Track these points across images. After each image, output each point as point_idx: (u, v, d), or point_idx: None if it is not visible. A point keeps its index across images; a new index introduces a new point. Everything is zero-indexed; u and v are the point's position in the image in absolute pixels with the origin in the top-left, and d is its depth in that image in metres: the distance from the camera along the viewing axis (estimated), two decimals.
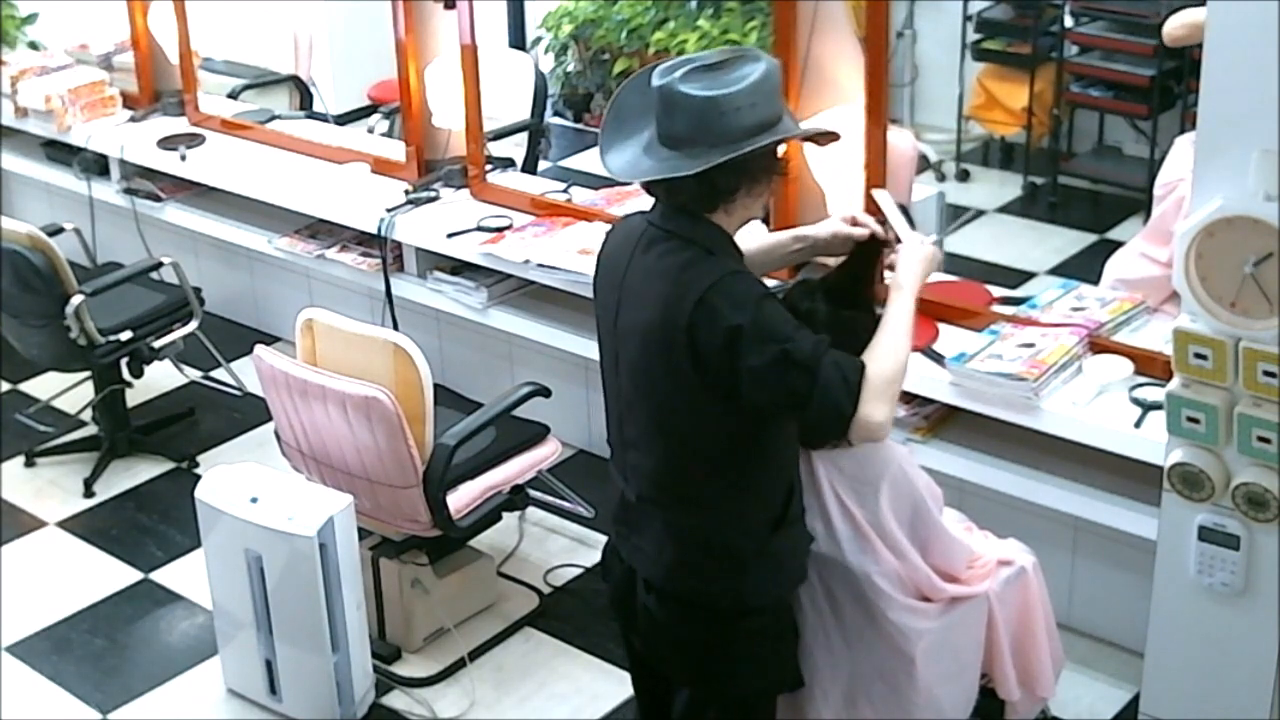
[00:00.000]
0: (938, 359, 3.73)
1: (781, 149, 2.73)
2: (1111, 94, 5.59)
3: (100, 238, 5.57)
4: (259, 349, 3.89)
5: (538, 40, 7.01)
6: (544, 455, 4.08)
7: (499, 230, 4.56)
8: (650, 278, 2.68)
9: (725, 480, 2.74)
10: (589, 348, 4.34)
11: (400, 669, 4.00)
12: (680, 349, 2.62)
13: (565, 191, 4.75)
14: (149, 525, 4.70)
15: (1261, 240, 2.72)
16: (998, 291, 4.10)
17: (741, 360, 2.59)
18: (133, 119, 5.64)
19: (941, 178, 5.78)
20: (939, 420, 3.82)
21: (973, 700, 3.21)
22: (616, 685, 3.84)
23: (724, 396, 2.64)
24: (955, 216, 5.49)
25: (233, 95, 5.77)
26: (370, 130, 5.59)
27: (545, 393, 4.02)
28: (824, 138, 2.80)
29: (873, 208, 3.20)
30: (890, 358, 2.68)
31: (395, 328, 4.66)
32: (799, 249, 2.99)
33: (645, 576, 2.86)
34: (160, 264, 4.96)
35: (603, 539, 3.12)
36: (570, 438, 4.55)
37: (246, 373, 4.82)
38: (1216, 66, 2.73)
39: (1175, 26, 3.97)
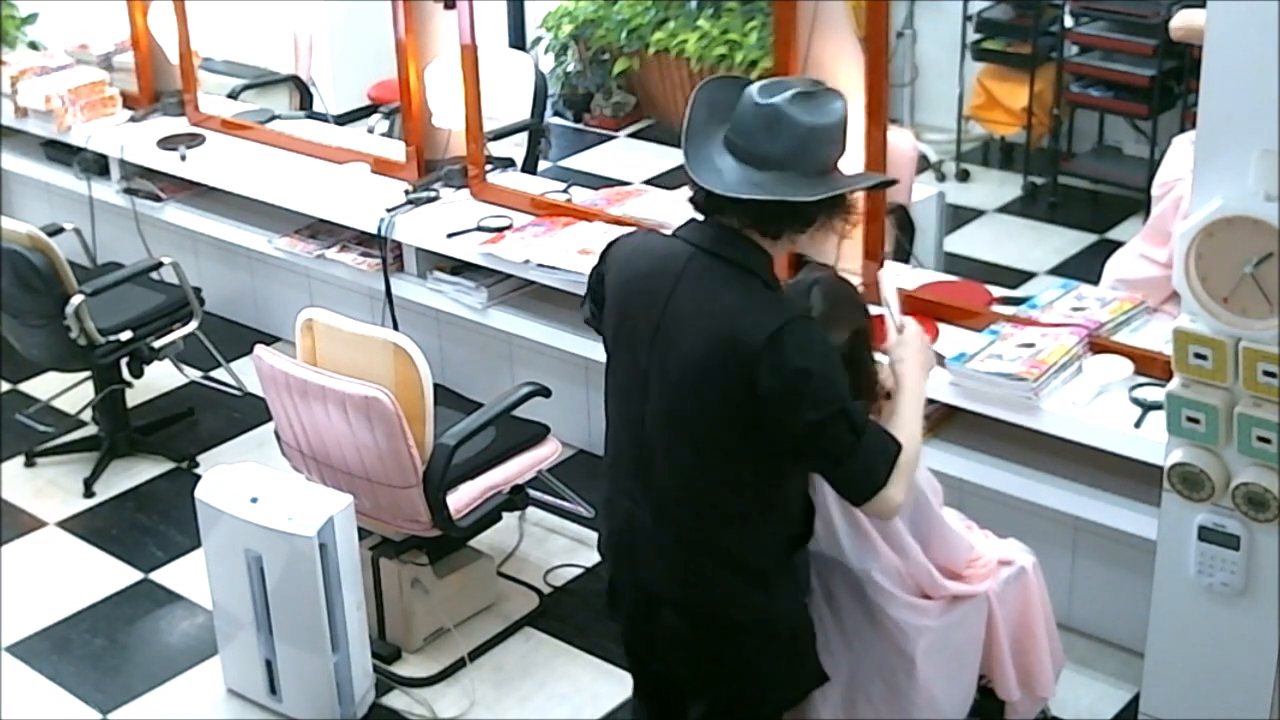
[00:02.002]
0: (938, 359, 3.73)
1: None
2: (1111, 94, 5.59)
3: (100, 238, 5.57)
4: (259, 349, 3.89)
5: (538, 40, 7.02)
6: (544, 455, 4.08)
7: (499, 230, 4.56)
8: (707, 307, 2.61)
9: (752, 503, 2.71)
10: (589, 348, 4.35)
11: (400, 669, 4.00)
12: (738, 382, 2.57)
13: (565, 191, 4.76)
14: (149, 525, 4.69)
15: (1261, 240, 2.72)
16: (998, 291, 4.10)
17: (799, 411, 2.56)
18: (133, 119, 5.64)
19: (941, 178, 5.78)
20: (939, 420, 3.82)
21: (972, 700, 3.21)
22: (616, 685, 3.84)
23: (768, 434, 2.61)
24: (955, 216, 5.50)
25: (233, 95, 5.77)
26: (370, 130, 5.59)
27: (545, 393, 4.02)
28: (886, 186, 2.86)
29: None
30: (912, 445, 2.69)
31: (395, 328, 4.66)
32: None
33: (668, 596, 2.80)
34: (160, 264, 4.96)
35: None
36: (570, 438, 4.55)
37: (246, 373, 4.82)
38: (1216, 66, 2.73)
39: (1177, 26, 3.98)
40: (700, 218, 2.67)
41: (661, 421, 2.70)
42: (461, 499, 3.87)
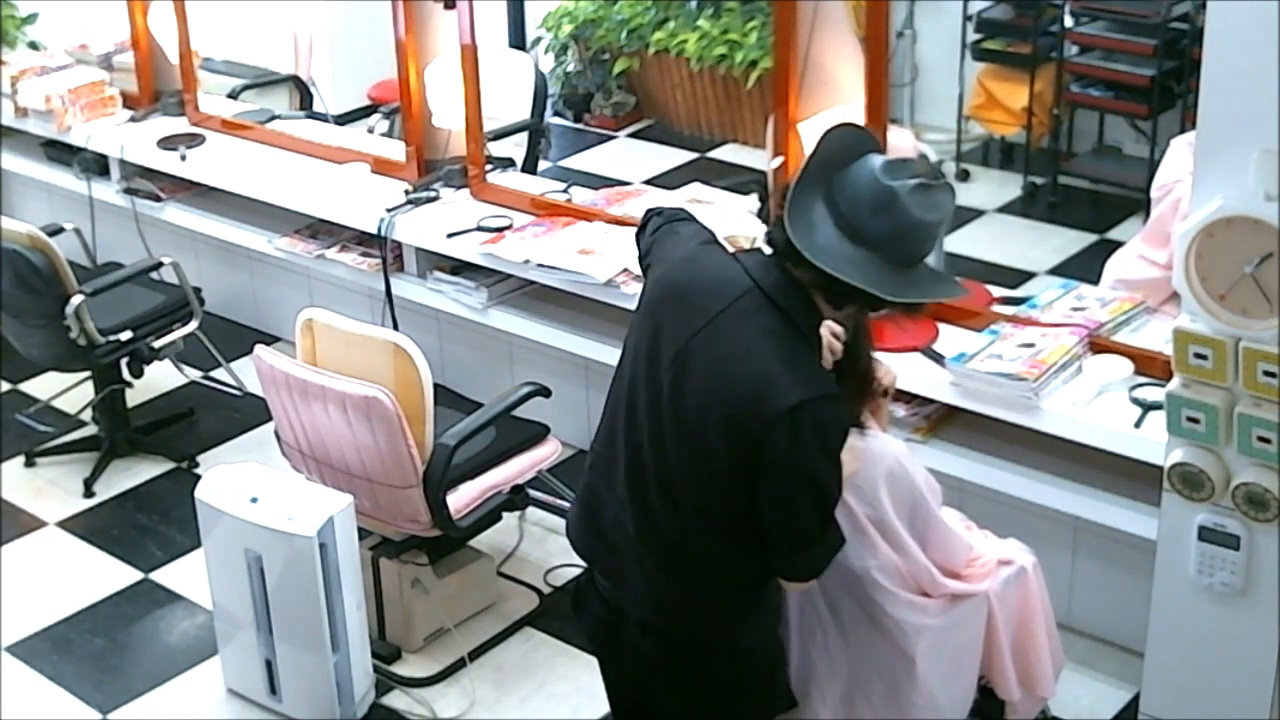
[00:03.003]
0: (938, 359, 3.73)
1: None
2: (1111, 94, 5.58)
3: (100, 238, 5.57)
4: (259, 349, 3.89)
5: (538, 40, 7.02)
6: (544, 455, 4.08)
7: (499, 230, 4.56)
8: (741, 350, 2.54)
9: (731, 542, 2.66)
10: (589, 348, 4.35)
11: (400, 669, 4.00)
12: (745, 438, 2.53)
13: (565, 191, 4.75)
14: (149, 525, 4.69)
15: (1261, 240, 2.72)
16: (998, 291, 4.10)
17: (787, 488, 2.55)
18: (133, 119, 5.64)
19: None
20: (939, 420, 3.82)
21: (972, 700, 3.21)
22: None
23: (755, 492, 2.58)
24: (955, 216, 5.49)
25: (233, 95, 5.77)
26: (370, 130, 5.59)
27: (545, 393, 4.02)
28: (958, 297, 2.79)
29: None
30: None
31: (395, 328, 4.66)
32: None
33: (635, 613, 2.76)
34: (160, 264, 4.96)
35: None
36: (570, 438, 4.55)
37: (246, 373, 4.82)
38: (1216, 66, 2.74)
39: None
40: (769, 251, 2.59)
41: (664, 441, 2.63)
42: (461, 499, 3.87)
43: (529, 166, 5.29)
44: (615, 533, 2.75)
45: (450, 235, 4.58)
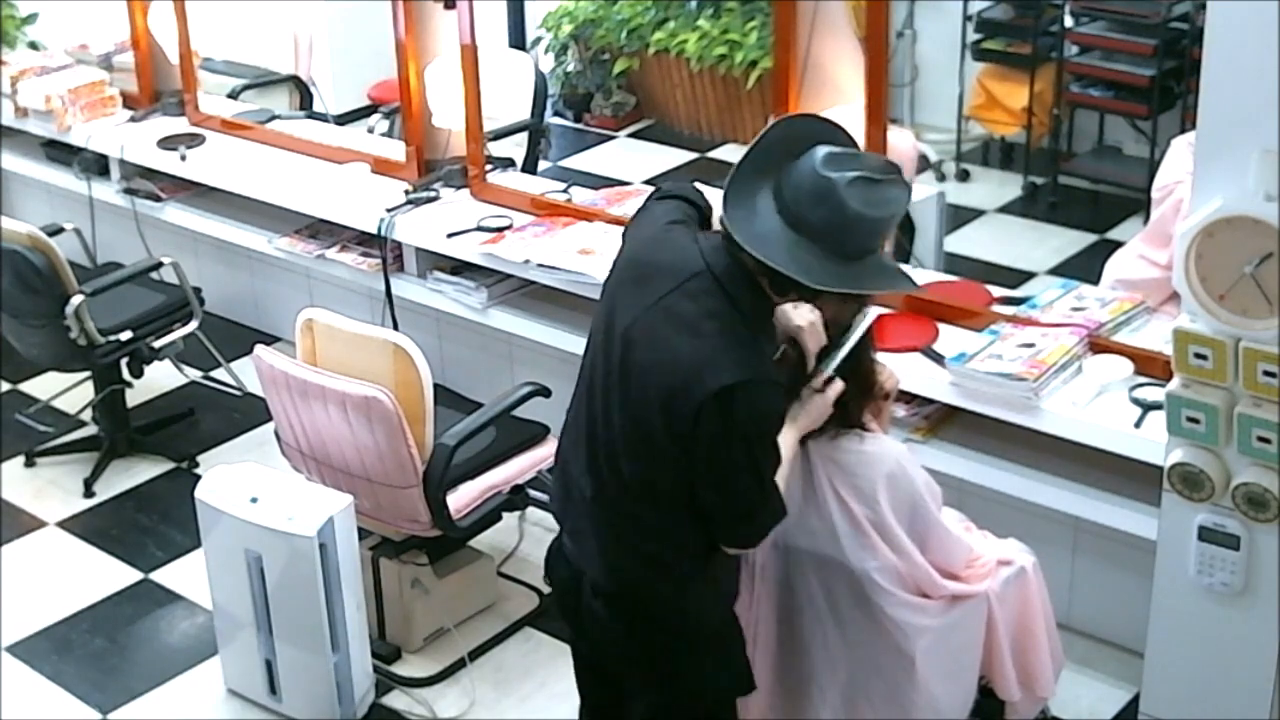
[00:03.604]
0: (938, 359, 3.73)
1: None
2: (1111, 94, 5.59)
3: (100, 238, 5.57)
4: (259, 349, 3.89)
5: (538, 40, 7.02)
6: (544, 455, 4.08)
7: (499, 230, 4.56)
8: (687, 329, 2.60)
9: (672, 510, 2.72)
10: None
11: (400, 669, 4.00)
12: (679, 414, 2.59)
13: (565, 191, 4.75)
14: (149, 525, 4.70)
15: (1261, 240, 2.72)
16: (998, 291, 4.10)
17: (720, 466, 2.62)
18: (133, 119, 5.63)
19: (941, 178, 5.78)
20: (939, 420, 3.82)
21: (972, 700, 3.21)
22: None
23: (692, 468, 2.65)
24: (955, 216, 5.49)
25: (233, 95, 5.77)
26: (370, 130, 5.59)
27: (545, 393, 4.02)
28: (909, 290, 2.87)
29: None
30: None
31: (395, 328, 4.66)
32: None
33: (590, 574, 2.84)
34: (160, 264, 4.96)
35: None
36: None
37: (246, 373, 4.82)
38: (1216, 66, 2.73)
39: None
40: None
41: (612, 413, 2.72)
42: (461, 499, 3.87)
43: (529, 166, 5.29)
44: (578, 497, 2.84)
45: (450, 235, 4.58)
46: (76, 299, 4.60)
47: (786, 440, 2.76)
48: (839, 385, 2.84)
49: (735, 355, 2.58)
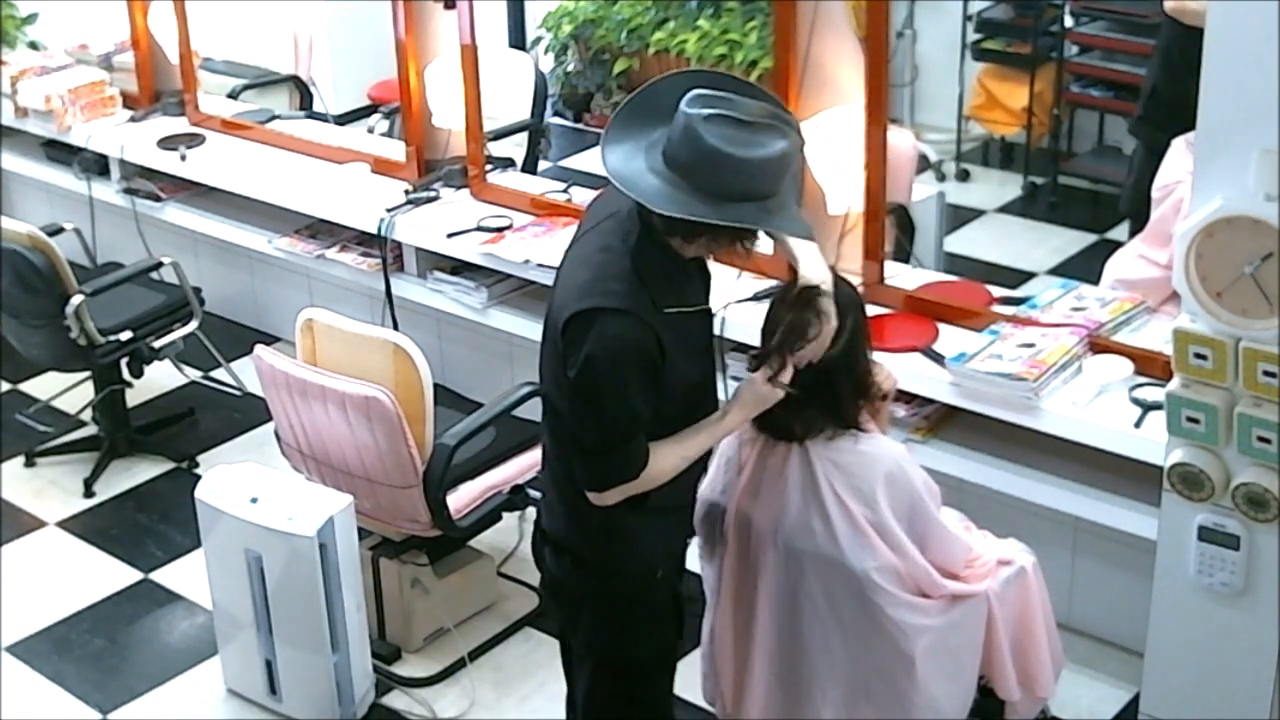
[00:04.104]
0: (938, 359, 3.73)
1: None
2: (1111, 94, 5.59)
3: (100, 238, 5.58)
4: (259, 349, 3.89)
5: (538, 40, 7.01)
6: None
7: (499, 230, 4.56)
8: (584, 260, 2.75)
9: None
10: None
11: (400, 669, 4.00)
12: (553, 339, 2.76)
13: (565, 191, 4.75)
14: (149, 525, 4.70)
15: (1261, 240, 2.72)
16: (998, 291, 4.10)
17: (571, 390, 2.71)
18: (133, 119, 5.64)
19: (941, 178, 5.78)
20: (939, 420, 3.82)
21: (971, 700, 3.21)
22: None
23: None
24: (955, 216, 5.49)
25: (233, 95, 5.77)
26: (370, 130, 5.59)
27: None
28: (793, 235, 2.78)
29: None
30: (668, 462, 2.79)
31: (395, 328, 4.66)
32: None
33: (544, 525, 3.00)
34: (160, 264, 4.96)
35: None
36: None
37: (246, 373, 4.82)
38: (1216, 66, 2.73)
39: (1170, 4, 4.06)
40: None
41: (545, 351, 2.87)
42: (461, 499, 3.87)
43: (529, 166, 5.29)
44: (545, 453, 2.98)
45: (450, 235, 4.58)
46: (76, 299, 4.60)
47: (727, 422, 2.84)
48: (788, 376, 2.84)
49: (604, 285, 2.67)
